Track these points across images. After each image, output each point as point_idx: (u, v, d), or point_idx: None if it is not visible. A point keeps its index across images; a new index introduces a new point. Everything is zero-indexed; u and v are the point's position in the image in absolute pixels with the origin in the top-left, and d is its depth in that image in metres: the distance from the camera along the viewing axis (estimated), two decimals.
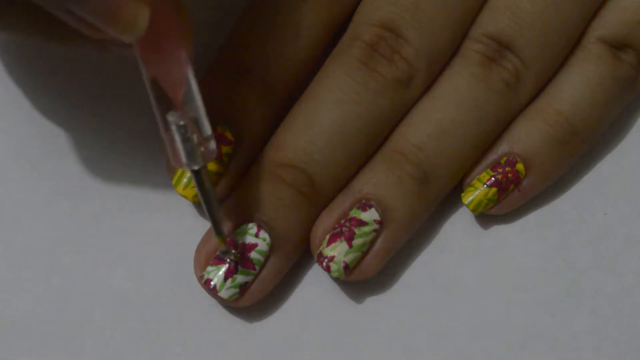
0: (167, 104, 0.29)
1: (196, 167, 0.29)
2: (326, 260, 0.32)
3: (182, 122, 0.29)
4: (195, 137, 0.29)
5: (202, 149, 0.29)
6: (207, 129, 0.29)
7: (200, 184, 0.30)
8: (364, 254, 0.32)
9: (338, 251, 0.32)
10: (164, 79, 0.28)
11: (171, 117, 0.29)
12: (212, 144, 0.29)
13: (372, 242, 0.32)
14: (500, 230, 0.35)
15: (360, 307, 0.34)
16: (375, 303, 0.34)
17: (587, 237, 0.34)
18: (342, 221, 0.32)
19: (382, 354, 0.33)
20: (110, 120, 0.35)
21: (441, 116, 0.33)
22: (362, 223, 0.32)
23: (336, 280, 0.33)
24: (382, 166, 0.33)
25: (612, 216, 0.35)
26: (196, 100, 0.29)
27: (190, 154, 0.29)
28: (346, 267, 0.32)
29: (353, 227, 0.32)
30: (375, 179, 0.33)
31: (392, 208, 0.32)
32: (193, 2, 0.30)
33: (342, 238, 0.32)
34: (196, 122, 0.29)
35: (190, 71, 0.29)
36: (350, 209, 0.32)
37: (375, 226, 0.32)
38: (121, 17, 0.26)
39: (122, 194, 0.34)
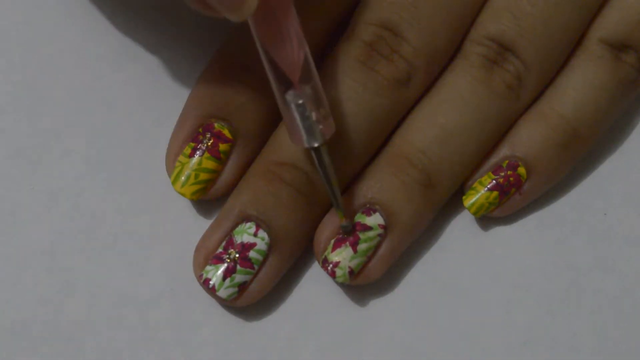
0: (285, 82, 0.29)
1: (316, 145, 0.30)
2: (331, 265, 0.32)
3: (300, 101, 0.29)
4: (313, 115, 0.29)
5: (321, 126, 0.30)
6: (326, 106, 0.30)
7: (320, 161, 0.31)
8: (369, 259, 0.32)
9: (343, 256, 0.32)
10: (282, 58, 0.29)
11: (290, 96, 0.29)
12: (331, 121, 0.30)
13: (377, 247, 0.32)
14: (500, 231, 0.35)
15: (360, 307, 0.34)
16: (375, 303, 0.34)
17: (587, 237, 0.34)
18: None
19: (382, 354, 0.33)
20: (110, 120, 0.35)
21: (444, 120, 0.33)
22: (366, 228, 0.32)
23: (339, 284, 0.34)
24: (386, 170, 0.33)
25: (612, 216, 0.35)
26: (314, 78, 0.30)
27: (310, 132, 0.30)
28: (351, 272, 0.32)
29: (358, 232, 0.32)
30: (379, 184, 0.32)
31: (397, 213, 0.32)
32: None
33: (347, 243, 0.32)
34: (314, 100, 0.30)
35: (307, 49, 0.29)
36: (355, 213, 0.32)
37: (380, 231, 0.32)
38: None
39: (122, 194, 0.34)
